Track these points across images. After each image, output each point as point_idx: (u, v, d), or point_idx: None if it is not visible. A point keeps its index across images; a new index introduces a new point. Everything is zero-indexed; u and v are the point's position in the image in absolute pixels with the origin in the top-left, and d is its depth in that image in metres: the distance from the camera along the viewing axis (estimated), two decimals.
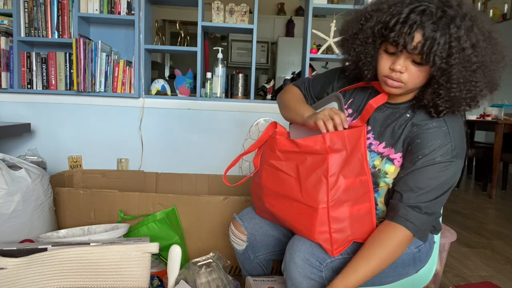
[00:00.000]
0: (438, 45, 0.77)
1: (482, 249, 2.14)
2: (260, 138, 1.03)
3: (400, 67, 0.83)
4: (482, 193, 3.71)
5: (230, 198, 1.58)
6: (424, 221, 0.86)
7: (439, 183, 0.85)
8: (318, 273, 0.85)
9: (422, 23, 0.77)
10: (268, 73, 5.39)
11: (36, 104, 2.23)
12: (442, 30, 0.77)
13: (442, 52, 0.77)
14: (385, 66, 0.86)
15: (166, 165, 2.28)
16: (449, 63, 0.79)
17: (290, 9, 5.47)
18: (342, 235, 0.85)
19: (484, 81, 0.84)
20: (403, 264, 0.95)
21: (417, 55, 0.80)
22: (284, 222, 0.97)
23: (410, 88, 0.87)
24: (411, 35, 0.78)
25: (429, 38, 0.77)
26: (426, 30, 0.77)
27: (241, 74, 2.40)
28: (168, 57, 5.61)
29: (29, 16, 2.11)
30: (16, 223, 1.32)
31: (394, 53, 0.84)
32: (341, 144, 0.85)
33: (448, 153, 0.85)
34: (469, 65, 0.80)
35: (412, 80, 0.84)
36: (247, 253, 1.15)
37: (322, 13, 2.47)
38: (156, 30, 2.57)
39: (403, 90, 0.87)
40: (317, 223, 0.84)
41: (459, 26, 0.78)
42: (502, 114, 3.91)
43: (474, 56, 0.79)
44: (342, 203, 0.85)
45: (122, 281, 1.08)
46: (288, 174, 0.91)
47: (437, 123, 0.88)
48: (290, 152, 0.92)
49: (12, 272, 1.02)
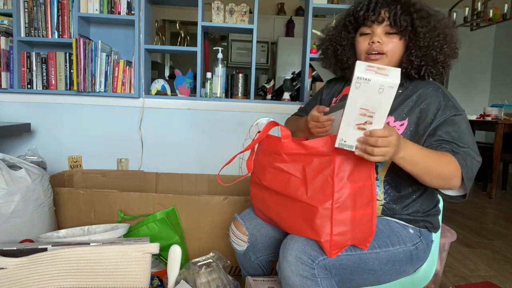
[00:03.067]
0: (402, 11, 0.97)
1: (482, 249, 2.14)
2: (259, 136, 1.03)
3: (377, 38, 0.99)
4: (482, 193, 3.71)
5: (230, 198, 1.58)
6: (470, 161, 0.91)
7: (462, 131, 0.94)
8: (310, 270, 0.86)
9: (387, 3, 0.99)
10: (268, 73, 5.39)
11: (36, 104, 2.23)
12: (402, 4, 0.99)
13: (406, 18, 0.97)
14: (364, 44, 1.03)
15: (166, 165, 2.28)
16: (414, 25, 0.97)
17: (290, 9, 5.47)
18: (343, 238, 0.85)
19: (448, 44, 0.99)
20: (400, 262, 0.95)
21: (387, 26, 0.99)
22: (285, 223, 0.97)
23: (390, 58, 1.00)
24: (378, 10, 0.99)
25: (393, 9, 0.98)
26: (390, 5, 0.98)
27: (241, 74, 2.40)
28: (168, 57, 5.62)
29: (29, 16, 2.11)
30: (16, 223, 1.32)
31: (368, 33, 1.02)
32: None
33: (453, 107, 0.97)
34: (432, 28, 0.98)
35: (390, 49, 0.99)
36: (248, 254, 1.15)
37: (322, 13, 2.47)
38: (156, 30, 2.57)
39: (384, 62, 1.00)
40: (319, 224, 0.84)
41: (414, 4, 1.00)
42: (502, 114, 3.91)
43: (433, 22, 0.98)
44: (346, 207, 0.84)
45: (122, 281, 1.08)
46: (294, 176, 0.91)
47: (432, 86, 1.01)
48: (297, 154, 0.92)
49: (12, 272, 1.02)
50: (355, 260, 0.90)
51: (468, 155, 0.90)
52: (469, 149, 0.91)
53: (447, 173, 0.86)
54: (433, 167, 0.85)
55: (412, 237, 0.98)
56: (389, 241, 0.94)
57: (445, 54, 1.00)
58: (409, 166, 0.84)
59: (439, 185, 0.89)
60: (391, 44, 0.99)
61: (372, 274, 0.93)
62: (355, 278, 0.93)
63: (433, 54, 0.98)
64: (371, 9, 1.00)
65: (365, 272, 0.92)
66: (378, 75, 0.73)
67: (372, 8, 0.99)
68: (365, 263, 0.91)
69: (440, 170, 0.86)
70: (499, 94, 5.37)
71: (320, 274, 0.86)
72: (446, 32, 1.00)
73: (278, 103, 2.33)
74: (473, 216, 2.85)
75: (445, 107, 0.96)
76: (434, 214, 1.04)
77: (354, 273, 0.91)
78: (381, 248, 0.93)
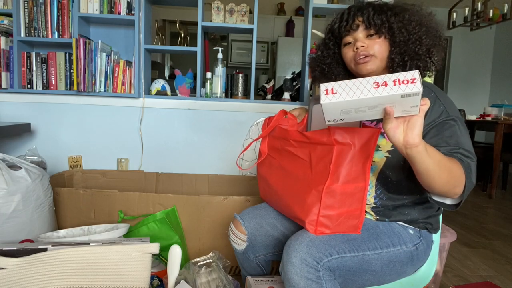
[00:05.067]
0: (374, 12, 0.98)
1: (482, 249, 2.14)
2: (271, 125, 1.11)
3: (360, 43, 0.99)
4: (482, 193, 3.71)
5: (230, 198, 1.58)
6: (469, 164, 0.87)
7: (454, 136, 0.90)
8: (315, 273, 0.86)
9: (357, 10, 1.00)
10: (268, 73, 5.39)
11: (36, 104, 2.23)
12: (374, 6, 1.00)
13: (380, 17, 0.97)
14: (349, 53, 1.02)
15: (166, 165, 2.28)
16: (389, 22, 0.97)
17: (290, 9, 5.47)
18: (329, 222, 0.91)
19: (428, 34, 0.97)
20: (401, 263, 0.95)
21: (365, 30, 0.98)
22: (284, 202, 1.04)
23: (379, 59, 0.99)
24: (351, 18, 1.00)
25: (365, 13, 0.98)
26: (362, 10, 0.99)
27: (241, 74, 2.40)
28: (168, 57, 5.62)
29: (29, 16, 2.11)
30: (16, 223, 1.32)
31: (351, 42, 1.01)
32: (349, 138, 0.88)
33: (444, 112, 0.92)
34: (407, 23, 0.97)
35: (377, 50, 0.98)
36: (247, 253, 1.15)
37: (322, 13, 2.47)
38: (156, 30, 2.57)
39: (374, 63, 0.98)
40: (310, 204, 0.92)
41: (385, 4, 1.01)
42: (502, 114, 3.91)
43: (408, 16, 0.97)
44: (336, 194, 0.90)
45: (122, 281, 1.08)
46: (302, 158, 0.99)
47: (424, 89, 0.97)
48: (303, 142, 1.00)
49: (12, 272, 1.02)
50: (358, 261, 0.90)
51: (471, 164, 0.86)
52: (472, 159, 0.87)
53: (454, 180, 0.81)
54: (445, 170, 0.79)
55: (412, 238, 0.98)
56: (390, 242, 0.94)
57: (427, 45, 0.97)
58: (424, 161, 0.76)
59: (442, 191, 0.82)
60: (376, 45, 0.98)
61: (374, 275, 0.93)
62: (357, 279, 0.93)
63: (413, 47, 0.96)
64: (344, 19, 1.01)
65: (367, 273, 0.92)
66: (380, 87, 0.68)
67: (346, 18, 1.01)
68: (367, 264, 0.91)
69: (451, 176, 0.80)
70: (499, 94, 5.37)
71: (325, 276, 0.86)
72: (422, 22, 0.98)
73: (278, 103, 2.33)
74: (473, 216, 2.85)
75: (436, 113, 0.92)
76: (434, 216, 1.03)
77: (357, 274, 0.92)
78: (383, 249, 0.93)
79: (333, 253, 0.87)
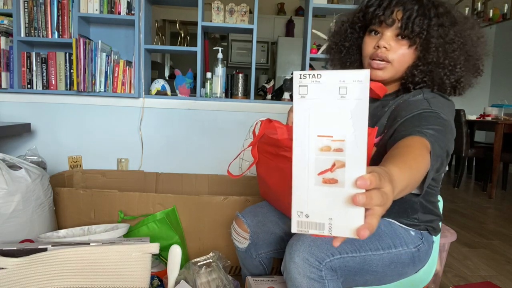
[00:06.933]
0: (417, 14, 0.80)
1: (482, 249, 2.14)
2: (258, 134, 1.08)
3: (384, 43, 0.84)
4: (482, 193, 3.71)
5: (230, 198, 1.58)
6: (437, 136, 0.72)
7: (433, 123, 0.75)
8: (318, 272, 0.86)
9: (403, 2, 0.81)
10: (268, 73, 5.39)
11: (36, 104, 2.23)
12: (421, 5, 0.81)
13: (421, 23, 0.80)
14: (369, 46, 0.88)
15: (166, 165, 2.28)
16: (429, 34, 0.81)
17: (290, 9, 5.47)
18: None
19: (465, 63, 0.84)
20: (402, 264, 0.95)
21: (397, 29, 0.83)
22: (283, 202, 1.02)
23: (396, 68, 0.86)
24: (390, 8, 0.82)
25: (408, 9, 0.81)
26: (406, 3, 0.81)
27: (241, 74, 2.40)
28: (168, 57, 5.62)
29: (29, 16, 2.11)
30: (16, 223, 1.32)
31: (377, 33, 0.87)
32: None
33: (426, 107, 0.79)
34: (449, 41, 0.81)
35: (397, 58, 0.85)
36: (249, 251, 1.15)
37: (322, 13, 2.47)
38: (156, 30, 2.56)
39: (389, 72, 0.87)
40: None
41: (437, 6, 0.82)
42: (502, 114, 3.91)
43: (453, 34, 0.82)
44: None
45: (122, 281, 1.08)
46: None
47: (415, 96, 0.87)
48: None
49: (12, 272, 1.01)
50: (359, 261, 0.90)
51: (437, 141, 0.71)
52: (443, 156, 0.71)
53: (425, 170, 0.66)
54: (417, 178, 0.62)
55: (413, 239, 0.98)
56: (391, 243, 0.94)
57: (458, 75, 0.84)
58: (403, 193, 0.59)
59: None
60: (400, 51, 0.85)
61: (375, 276, 0.93)
62: (358, 279, 0.93)
63: (441, 73, 0.83)
64: (382, 6, 0.84)
65: (368, 273, 0.92)
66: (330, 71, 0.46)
67: (385, 6, 0.83)
68: (369, 264, 0.91)
69: (423, 171, 0.65)
70: (499, 94, 5.37)
71: (327, 276, 0.86)
72: (467, 47, 0.83)
73: (278, 103, 2.33)
74: (473, 216, 2.84)
75: (416, 108, 0.80)
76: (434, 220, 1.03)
77: (358, 274, 0.91)
78: (384, 250, 0.93)
79: (335, 253, 0.87)
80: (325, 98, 0.44)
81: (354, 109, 0.43)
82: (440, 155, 0.71)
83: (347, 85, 0.43)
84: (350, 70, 0.42)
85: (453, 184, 3.88)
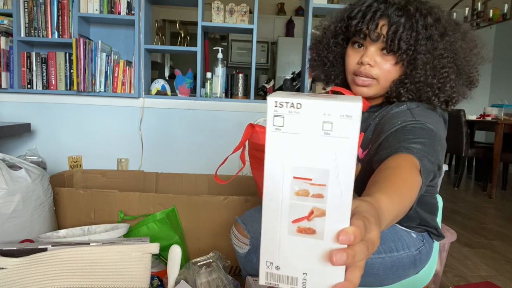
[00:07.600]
0: (404, 29, 0.74)
1: (482, 249, 2.14)
2: (242, 140, 1.02)
3: (368, 59, 0.79)
4: (482, 193, 3.71)
5: (230, 198, 1.58)
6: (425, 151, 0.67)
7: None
8: None
9: (386, 10, 0.75)
10: (268, 73, 5.39)
11: (36, 104, 2.23)
12: (408, 17, 0.75)
13: (409, 38, 0.75)
14: (352, 61, 0.82)
15: (166, 165, 2.28)
16: (416, 50, 0.75)
17: (290, 9, 5.47)
18: None
19: (456, 78, 0.79)
20: (403, 267, 0.95)
21: (382, 42, 0.77)
22: None
23: (382, 85, 0.81)
24: (375, 22, 0.76)
25: (394, 23, 0.74)
26: (391, 16, 0.75)
27: (241, 74, 2.40)
28: (168, 57, 5.62)
29: (29, 16, 2.11)
30: (16, 223, 1.32)
31: (361, 46, 0.81)
32: None
33: (411, 118, 0.74)
34: (437, 56, 0.76)
35: (382, 74, 0.80)
36: (249, 256, 1.14)
37: (322, 13, 2.47)
38: (156, 30, 2.57)
39: (374, 89, 0.82)
40: None
41: (426, 15, 0.76)
42: (502, 114, 3.91)
43: (442, 47, 0.76)
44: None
45: (122, 281, 1.08)
46: None
47: (398, 107, 0.82)
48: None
49: (12, 272, 1.01)
50: None
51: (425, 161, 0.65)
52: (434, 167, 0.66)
53: (416, 193, 0.61)
54: (407, 204, 0.56)
55: (415, 242, 0.97)
56: (393, 246, 0.93)
57: (447, 94, 0.78)
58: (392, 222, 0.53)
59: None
60: (385, 67, 0.79)
61: (376, 278, 0.93)
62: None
63: (429, 93, 0.78)
64: (366, 19, 0.77)
65: (369, 276, 0.92)
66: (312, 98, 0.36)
67: (368, 19, 0.77)
68: (370, 267, 0.90)
69: (413, 196, 0.59)
70: (499, 94, 5.37)
71: None
72: (458, 62, 0.77)
73: None
74: (473, 216, 2.84)
75: (398, 120, 0.75)
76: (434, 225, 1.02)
77: None
78: (386, 253, 0.91)
79: None
80: (305, 134, 0.35)
81: (340, 149, 0.35)
82: (432, 170, 0.66)
83: (333, 120, 0.34)
84: (338, 101, 0.34)
85: (453, 184, 3.88)
